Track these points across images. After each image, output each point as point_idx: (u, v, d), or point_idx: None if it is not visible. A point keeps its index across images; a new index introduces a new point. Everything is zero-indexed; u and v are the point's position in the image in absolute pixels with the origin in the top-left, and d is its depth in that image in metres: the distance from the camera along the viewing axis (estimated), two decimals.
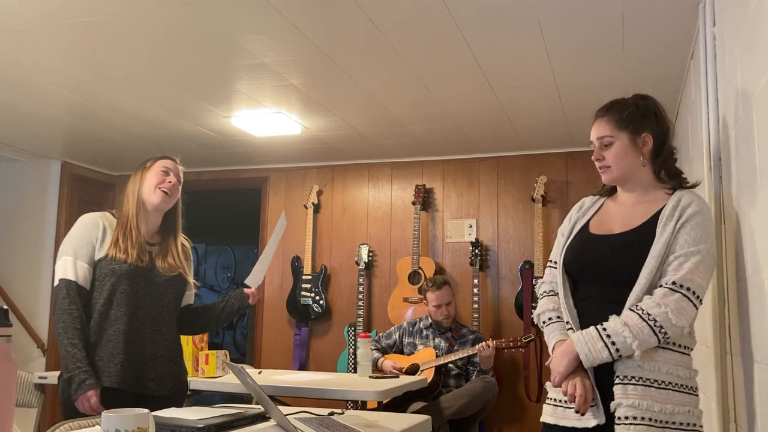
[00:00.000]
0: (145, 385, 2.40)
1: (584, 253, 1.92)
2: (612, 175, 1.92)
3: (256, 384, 1.95)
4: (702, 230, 1.76)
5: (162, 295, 2.47)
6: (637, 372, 1.71)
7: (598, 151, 1.93)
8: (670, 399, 1.69)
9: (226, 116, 4.15)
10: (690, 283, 1.71)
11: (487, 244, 4.97)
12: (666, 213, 1.81)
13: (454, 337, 4.15)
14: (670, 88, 3.48)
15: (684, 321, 1.69)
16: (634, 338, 1.68)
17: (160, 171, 2.50)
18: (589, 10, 2.63)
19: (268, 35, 2.90)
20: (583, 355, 1.74)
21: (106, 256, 2.38)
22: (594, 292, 1.87)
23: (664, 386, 1.70)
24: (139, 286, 2.41)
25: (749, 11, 1.71)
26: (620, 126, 1.90)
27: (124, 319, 2.37)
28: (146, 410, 1.51)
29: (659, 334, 1.69)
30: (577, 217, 2.04)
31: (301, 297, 5.25)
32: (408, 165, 5.27)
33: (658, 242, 1.77)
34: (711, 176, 2.28)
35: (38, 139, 4.77)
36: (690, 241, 1.74)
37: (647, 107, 1.93)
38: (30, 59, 3.21)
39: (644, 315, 1.70)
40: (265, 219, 5.59)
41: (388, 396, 3.08)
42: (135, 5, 2.64)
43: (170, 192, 2.49)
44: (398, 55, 3.11)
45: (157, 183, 2.48)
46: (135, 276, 2.39)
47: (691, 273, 1.72)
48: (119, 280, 2.37)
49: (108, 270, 2.37)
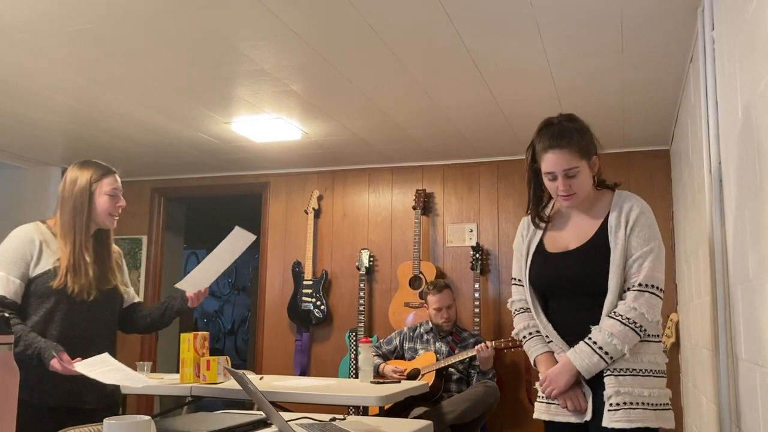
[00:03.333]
0: (83, 400, 2.34)
1: (548, 272, 2.07)
2: (577, 200, 2.04)
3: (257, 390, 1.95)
4: (648, 228, 1.97)
5: (98, 311, 2.42)
6: (624, 364, 1.92)
7: (565, 182, 2.00)
8: (654, 384, 1.91)
9: (226, 122, 4.16)
10: (653, 281, 1.93)
11: (487, 249, 4.97)
12: (612, 223, 1.99)
13: (455, 341, 4.14)
14: (669, 92, 3.48)
15: (656, 315, 1.93)
16: (623, 343, 1.89)
17: (110, 196, 2.40)
18: (589, 14, 2.64)
19: (268, 41, 2.91)
20: (583, 370, 1.93)
21: (44, 273, 2.30)
22: (565, 304, 2.04)
23: (647, 374, 1.92)
24: (75, 303, 2.34)
25: (748, 15, 1.72)
26: (582, 154, 2.00)
27: (60, 338, 2.30)
28: (148, 417, 1.51)
29: (640, 333, 1.91)
30: (529, 236, 2.16)
31: (302, 302, 5.25)
32: (408, 170, 5.27)
33: (615, 251, 1.96)
34: (711, 180, 2.28)
35: (39, 146, 4.78)
36: (641, 242, 1.95)
37: (583, 128, 2.05)
38: (30, 66, 3.22)
39: (624, 320, 1.90)
40: (265, 225, 5.59)
41: (390, 401, 3.07)
42: (135, 12, 2.64)
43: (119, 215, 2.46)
44: (398, 60, 3.11)
45: (109, 210, 2.40)
46: (71, 295, 2.33)
47: (651, 271, 1.94)
48: (56, 300, 2.30)
49: (44, 288, 2.29)
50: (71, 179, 2.40)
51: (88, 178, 2.39)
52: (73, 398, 2.31)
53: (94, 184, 2.39)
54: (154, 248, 5.85)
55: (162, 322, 2.63)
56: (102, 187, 2.40)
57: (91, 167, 2.43)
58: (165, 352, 6.17)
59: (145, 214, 5.91)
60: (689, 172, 3.24)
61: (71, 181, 2.40)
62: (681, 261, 3.84)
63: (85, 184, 2.38)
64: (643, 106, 3.73)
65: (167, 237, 6.12)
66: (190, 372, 3.26)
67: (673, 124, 4.04)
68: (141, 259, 5.84)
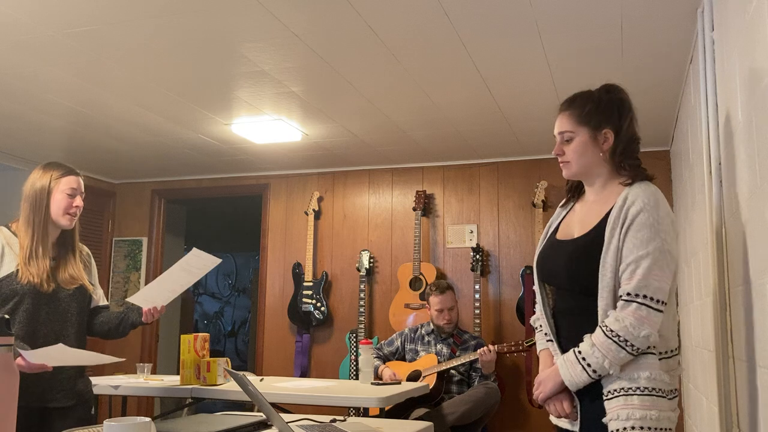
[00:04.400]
0: (52, 398, 2.34)
1: (547, 261, 1.92)
2: (571, 170, 1.90)
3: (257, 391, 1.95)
4: (648, 229, 1.70)
5: (65, 310, 2.42)
6: (617, 384, 1.70)
7: (559, 146, 1.90)
8: (653, 405, 1.66)
9: (226, 124, 4.16)
10: (645, 290, 1.68)
11: (488, 250, 4.97)
12: (613, 215, 1.76)
13: (455, 343, 4.14)
14: (669, 92, 3.48)
15: (646, 329, 1.66)
16: (604, 357, 1.68)
17: (67, 194, 2.42)
18: (588, 15, 2.64)
19: (268, 43, 2.91)
20: (567, 381, 1.76)
21: (8, 275, 2.31)
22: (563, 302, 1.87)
23: (647, 392, 1.67)
24: (42, 303, 2.34)
25: (747, 16, 1.72)
26: (581, 121, 1.87)
27: (26, 338, 2.30)
28: (148, 419, 1.51)
29: (626, 348, 1.67)
30: (551, 220, 2.03)
31: (303, 304, 5.25)
32: (408, 171, 5.27)
33: (608, 252, 1.73)
34: (711, 181, 2.28)
35: (39, 148, 4.78)
36: (637, 244, 1.70)
37: (610, 101, 1.89)
38: (30, 68, 3.22)
39: (608, 332, 1.69)
40: (266, 226, 5.59)
41: (391, 402, 3.07)
42: (135, 14, 2.65)
43: (77, 214, 2.46)
44: (398, 61, 3.11)
45: (65, 208, 2.41)
46: (37, 294, 2.33)
47: (645, 279, 1.68)
48: (21, 300, 2.30)
49: (9, 290, 2.30)
50: (33, 179, 2.45)
51: (49, 177, 2.44)
52: (41, 397, 2.31)
53: (53, 182, 2.42)
54: (155, 250, 5.86)
55: (118, 332, 2.60)
56: (60, 185, 2.43)
57: (54, 167, 2.47)
58: (165, 354, 6.17)
59: (145, 216, 5.91)
60: (689, 172, 3.24)
61: (33, 180, 2.45)
62: (681, 262, 3.84)
63: (46, 182, 2.43)
64: (643, 107, 3.73)
65: (167, 238, 6.12)
66: (190, 373, 3.26)
67: (673, 125, 4.04)
68: (141, 260, 5.84)
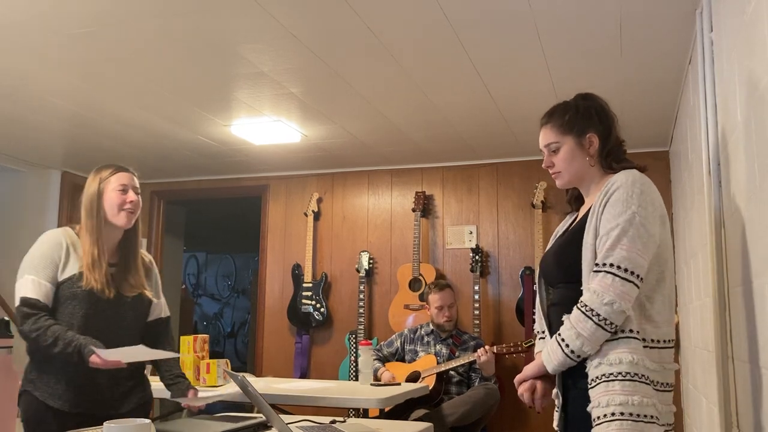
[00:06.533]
0: (110, 405, 2.34)
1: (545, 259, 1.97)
2: (564, 179, 1.94)
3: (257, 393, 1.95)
4: (620, 203, 1.70)
5: (122, 318, 2.39)
6: (599, 370, 1.66)
7: (548, 158, 1.94)
8: (637, 390, 1.61)
9: (225, 125, 4.16)
10: (611, 259, 1.66)
11: (487, 251, 4.97)
12: (596, 201, 1.78)
13: (455, 344, 4.14)
14: (668, 93, 3.49)
15: (610, 296, 1.63)
16: (576, 332, 1.66)
17: (118, 191, 2.41)
18: (587, 16, 2.64)
19: (267, 44, 2.91)
20: (545, 362, 1.76)
21: (70, 278, 2.30)
22: (555, 297, 1.89)
23: (629, 378, 1.62)
24: (99, 309, 2.33)
25: (746, 17, 1.72)
26: (564, 130, 1.91)
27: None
28: (148, 420, 1.51)
29: (593, 317, 1.64)
30: (558, 227, 2.08)
31: (302, 305, 5.25)
32: (408, 172, 5.27)
33: (588, 232, 1.75)
34: (710, 181, 2.28)
35: (38, 150, 4.78)
36: (609, 218, 1.71)
37: (588, 107, 1.94)
38: (29, 69, 3.22)
39: (580, 305, 1.68)
40: (265, 227, 5.59)
41: (390, 403, 3.07)
42: (134, 16, 2.65)
43: (134, 210, 2.44)
44: (396, 62, 3.12)
45: (119, 204, 2.40)
46: (96, 300, 2.32)
47: (612, 249, 1.67)
48: (80, 304, 2.29)
49: (69, 293, 2.29)
50: (87, 185, 2.45)
51: (99, 179, 2.44)
52: (104, 405, 2.31)
53: (103, 183, 2.42)
54: (154, 251, 5.86)
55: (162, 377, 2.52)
56: (110, 184, 2.43)
57: (103, 169, 2.47)
58: None
59: (144, 217, 5.91)
60: (688, 173, 3.24)
61: (87, 186, 2.45)
62: (681, 262, 3.84)
63: (96, 185, 2.42)
64: (642, 108, 3.73)
65: (167, 240, 6.13)
66: (190, 375, 3.26)
67: (672, 126, 4.04)
68: None
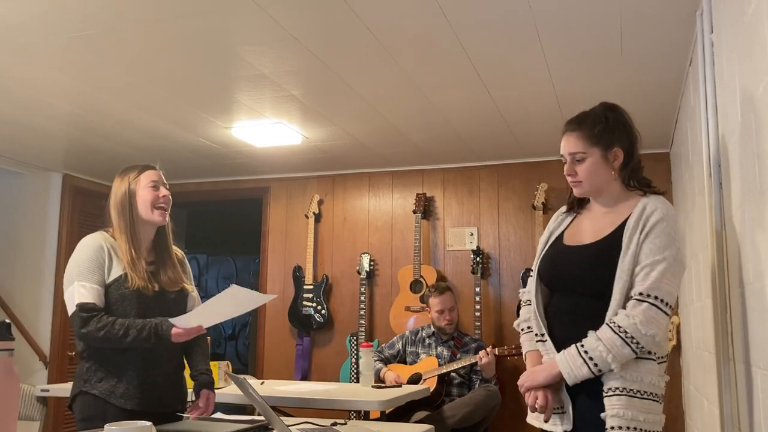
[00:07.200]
0: (166, 404, 2.36)
1: (556, 264, 1.99)
2: (584, 189, 1.98)
3: (258, 395, 1.95)
4: (666, 237, 1.80)
5: (169, 313, 2.39)
6: (620, 383, 1.77)
7: (570, 166, 1.96)
8: (651, 409, 1.76)
9: (226, 127, 4.16)
10: (657, 292, 1.76)
11: (488, 252, 4.97)
12: (631, 223, 1.85)
13: (456, 346, 4.14)
14: (668, 95, 3.48)
15: (654, 329, 1.75)
16: (608, 351, 1.74)
17: (150, 186, 2.43)
18: (588, 18, 2.64)
19: (268, 46, 2.91)
20: (565, 374, 1.81)
21: (116, 280, 2.31)
22: (566, 304, 1.93)
23: (647, 396, 1.76)
24: (149, 307, 2.34)
25: (746, 18, 1.72)
26: (592, 142, 1.94)
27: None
28: (149, 423, 1.51)
29: (632, 345, 1.75)
30: (553, 227, 2.10)
31: (303, 307, 5.25)
32: (408, 174, 5.27)
33: (626, 255, 1.81)
34: (711, 183, 2.28)
35: (39, 152, 4.78)
36: (654, 249, 1.79)
37: (617, 120, 1.98)
38: (30, 72, 3.22)
39: (615, 328, 1.76)
40: (266, 229, 5.59)
41: (391, 406, 3.07)
42: (135, 18, 2.65)
43: (167, 207, 2.45)
44: (397, 64, 3.12)
45: (153, 201, 2.41)
46: (143, 298, 2.33)
47: (658, 282, 1.77)
48: (130, 304, 2.31)
49: (118, 295, 2.31)
50: (114, 188, 2.45)
51: (127, 180, 2.45)
52: (155, 402, 2.32)
53: (133, 183, 2.43)
54: None
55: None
56: (140, 182, 2.44)
57: (129, 170, 2.48)
58: None
59: None
60: (689, 174, 3.24)
61: (114, 190, 2.45)
62: None
63: (126, 186, 2.43)
64: (643, 109, 3.73)
65: None
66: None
67: (672, 127, 4.04)
68: None
